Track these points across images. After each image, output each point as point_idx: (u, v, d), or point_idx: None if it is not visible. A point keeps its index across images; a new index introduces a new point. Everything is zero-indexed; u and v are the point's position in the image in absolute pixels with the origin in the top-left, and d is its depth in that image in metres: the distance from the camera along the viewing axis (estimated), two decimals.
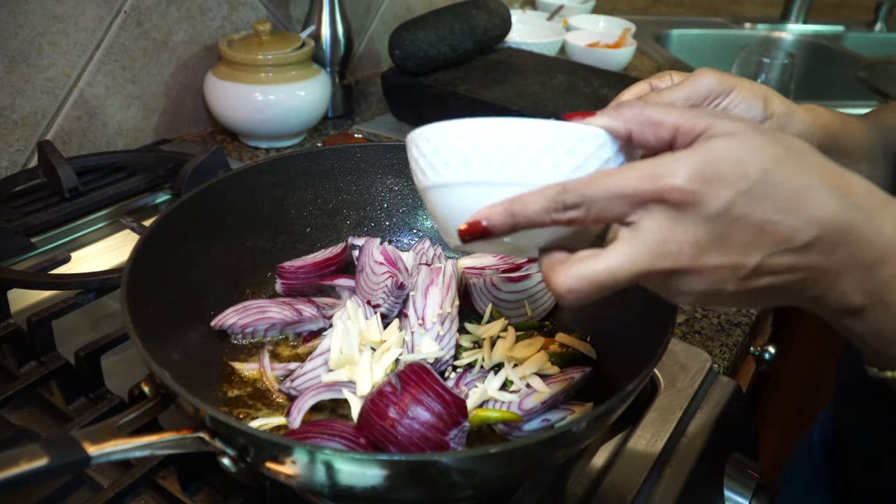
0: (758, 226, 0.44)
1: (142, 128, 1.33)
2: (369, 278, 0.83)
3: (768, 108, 0.66)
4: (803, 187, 0.45)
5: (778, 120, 0.67)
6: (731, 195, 0.43)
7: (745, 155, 0.44)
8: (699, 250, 0.45)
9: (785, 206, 0.44)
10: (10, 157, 1.14)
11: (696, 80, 0.63)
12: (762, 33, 2.35)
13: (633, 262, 0.45)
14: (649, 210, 0.45)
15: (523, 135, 0.49)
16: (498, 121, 0.50)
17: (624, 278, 0.46)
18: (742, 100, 0.65)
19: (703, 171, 0.44)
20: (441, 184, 0.53)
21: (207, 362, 0.76)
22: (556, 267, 0.48)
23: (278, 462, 0.54)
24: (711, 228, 0.44)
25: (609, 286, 0.46)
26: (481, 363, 0.78)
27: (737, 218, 0.44)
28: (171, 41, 1.31)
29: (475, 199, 0.51)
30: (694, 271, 0.46)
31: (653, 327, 0.67)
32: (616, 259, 0.46)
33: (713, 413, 0.79)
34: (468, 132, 0.51)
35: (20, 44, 1.10)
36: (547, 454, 0.58)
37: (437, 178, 0.53)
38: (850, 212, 0.45)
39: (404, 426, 0.62)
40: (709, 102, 0.65)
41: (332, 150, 0.93)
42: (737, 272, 0.45)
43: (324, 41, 1.44)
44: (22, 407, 0.76)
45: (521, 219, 0.48)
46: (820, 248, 0.45)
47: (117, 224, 1.07)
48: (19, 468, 0.49)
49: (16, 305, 0.87)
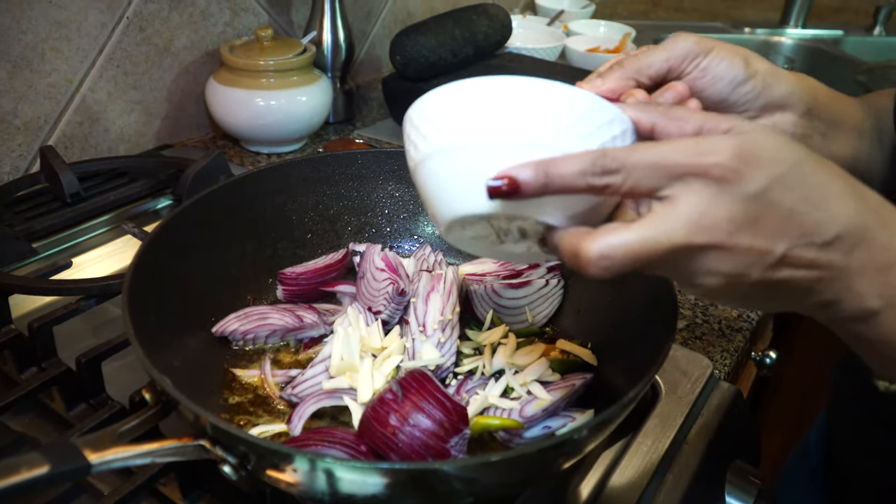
0: (787, 213, 0.44)
1: (143, 133, 1.33)
2: (370, 285, 0.83)
3: (749, 67, 0.66)
4: (826, 184, 0.46)
5: (762, 79, 0.66)
6: (768, 177, 0.44)
7: (778, 146, 0.45)
8: (734, 228, 0.44)
9: (812, 199, 0.45)
10: (13, 163, 1.14)
11: (674, 43, 0.64)
12: (761, 38, 2.35)
13: (670, 233, 0.44)
14: (688, 184, 0.44)
15: (559, 101, 0.48)
16: (531, 82, 0.49)
17: (659, 250, 0.45)
18: (722, 59, 0.65)
19: (744, 151, 0.44)
20: (457, 144, 0.50)
21: (208, 369, 0.76)
22: (583, 237, 0.46)
23: (279, 470, 0.54)
24: (747, 208, 0.44)
25: (642, 257, 0.45)
26: (482, 370, 0.78)
27: (770, 202, 0.44)
28: (173, 47, 1.32)
29: (496, 159, 0.48)
30: (725, 249, 0.45)
31: (654, 333, 0.67)
32: (652, 229, 0.45)
33: (714, 419, 0.79)
34: (498, 90, 0.49)
35: (23, 49, 1.10)
36: (548, 462, 0.58)
37: (453, 137, 0.50)
38: (866, 214, 0.46)
39: (405, 434, 0.62)
40: (688, 63, 0.64)
41: (333, 157, 0.93)
42: (764, 258, 0.45)
43: (325, 47, 1.44)
44: (23, 413, 0.76)
45: (555, 178, 0.46)
46: (840, 247, 0.46)
47: (119, 229, 1.07)
48: (20, 476, 0.49)
49: (17, 311, 0.87)
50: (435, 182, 0.52)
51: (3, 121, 1.11)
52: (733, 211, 0.44)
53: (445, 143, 0.50)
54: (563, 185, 0.46)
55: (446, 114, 0.50)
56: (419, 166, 0.53)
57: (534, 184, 0.46)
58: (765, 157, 0.44)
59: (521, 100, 0.49)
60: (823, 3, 2.42)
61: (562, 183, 0.46)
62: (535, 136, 0.48)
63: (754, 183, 0.44)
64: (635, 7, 2.71)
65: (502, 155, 0.48)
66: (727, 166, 0.44)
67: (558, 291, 0.86)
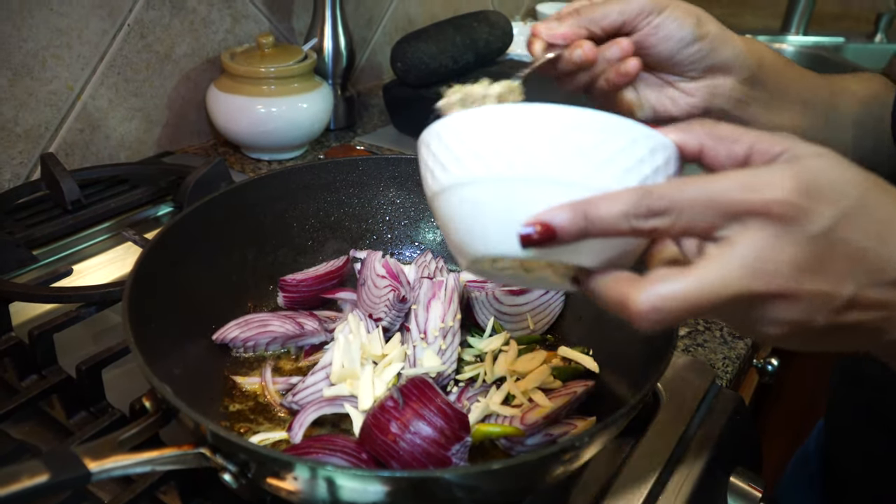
0: (854, 252, 0.41)
1: (144, 140, 1.33)
2: (371, 292, 0.83)
3: (701, 28, 0.66)
4: (893, 218, 0.42)
5: (710, 42, 0.66)
6: (834, 215, 0.40)
7: (841, 176, 0.41)
8: (799, 272, 0.40)
9: (880, 234, 0.41)
10: (13, 170, 1.14)
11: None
12: None
13: (728, 281, 0.40)
14: (745, 224, 0.40)
15: (596, 130, 0.43)
16: (563, 110, 0.44)
17: (717, 299, 0.40)
18: (675, 18, 0.65)
19: (806, 185, 0.40)
20: (483, 178, 0.45)
21: (209, 376, 0.76)
22: (630, 285, 0.42)
23: (280, 478, 0.54)
24: (812, 249, 0.40)
25: (697, 309, 0.41)
26: (483, 377, 0.77)
27: (836, 240, 0.40)
28: (173, 54, 1.32)
29: (526, 198, 0.43)
30: (789, 296, 0.41)
31: (655, 341, 0.66)
32: (708, 277, 0.40)
33: (716, 427, 0.79)
34: (530, 119, 0.44)
35: (24, 57, 1.10)
36: (549, 469, 0.58)
37: (478, 169, 0.45)
38: None
39: (406, 441, 0.62)
40: (642, 18, 0.65)
41: (334, 163, 0.93)
42: (830, 302, 0.41)
43: (326, 54, 1.45)
44: (23, 421, 0.75)
45: (595, 222, 0.41)
46: None
47: (119, 237, 1.07)
48: (20, 484, 0.48)
49: (17, 318, 0.87)
50: (459, 215, 0.47)
51: (4, 128, 1.11)
52: (797, 253, 0.40)
53: (471, 175, 0.45)
54: (604, 230, 0.41)
55: (473, 142, 0.45)
56: (439, 195, 0.48)
57: (571, 229, 0.42)
58: (828, 190, 0.40)
59: (553, 130, 0.44)
60: (824, 11, 2.42)
61: (602, 227, 0.41)
62: (570, 172, 0.43)
63: (819, 221, 0.40)
64: None
65: (534, 193, 0.43)
66: (789, 202, 0.39)
67: (559, 298, 0.86)
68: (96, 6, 1.17)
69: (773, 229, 0.40)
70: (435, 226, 0.96)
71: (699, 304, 0.40)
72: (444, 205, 0.48)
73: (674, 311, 0.41)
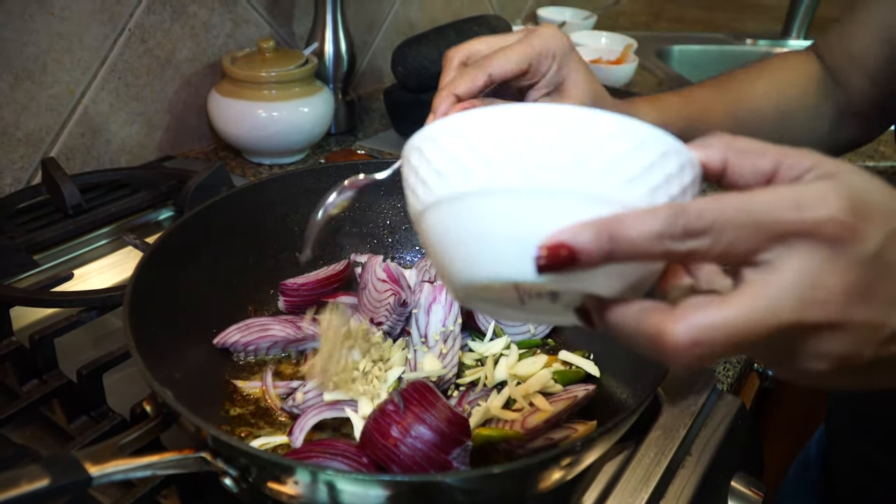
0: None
1: (145, 144, 1.33)
2: (372, 296, 0.83)
3: None
4: None
5: None
6: (886, 235, 0.36)
7: (884, 193, 0.38)
8: (850, 300, 0.36)
9: None
10: (14, 174, 1.14)
11: None
12: (763, 49, 2.35)
13: (777, 310, 0.36)
14: (791, 247, 0.36)
15: (628, 142, 0.37)
16: (586, 113, 0.38)
17: (764, 331, 0.36)
18: None
19: (857, 203, 0.36)
20: (486, 190, 0.38)
21: (210, 380, 0.76)
22: (665, 316, 0.36)
23: (280, 482, 0.54)
24: (864, 273, 0.36)
25: (746, 340, 0.36)
26: (484, 381, 0.77)
27: (886, 264, 0.37)
28: (174, 58, 1.32)
29: (538, 214, 0.37)
30: (839, 327, 0.37)
31: None
32: (754, 306, 0.36)
33: (717, 431, 0.79)
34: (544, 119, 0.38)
35: (25, 61, 1.11)
36: (550, 473, 0.58)
37: (481, 179, 0.38)
38: None
39: (407, 445, 0.61)
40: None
41: (335, 167, 0.93)
42: (879, 332, 0.37)
43: (327, 58, 1.45)
44: (24, 425, 0.75)
45: (623, 244, 0.35)
46: None
47: (120, 241, 1.07)
48: (20, 489, 0.49)
49: (18, 323, 0.87)
50: (456, 232, 0.40)
51: (5, 133, 1.11)
52: (849, 279, 0.36)
53: (475, 185, 0.38)
54: (634, 252, 0.36)
55: (480, 147, 0.38)
56: (432, 209, 0.41)
57: (596, 252, 0.36)
58: (878, 208, 0.36)
59: (575, 135, 0.37)
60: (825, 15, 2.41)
61: (631, 249, 0.36)
62: (594, 185, 0.37)
63: (872, 242, 0.36)
64: (637, 18, 2.72)
65: (550, 208, 0.37)
66: (842, 222, 0.35)
67: None
68: (97, 11, 1.17)
69: (823, 252, 0.36)
70: None
71: (746, 336, 0.36)
72: (436, 220, 0.41)
73: (718, 343, 0.36)
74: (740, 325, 0.35)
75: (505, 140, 0.38)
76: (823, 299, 0.36)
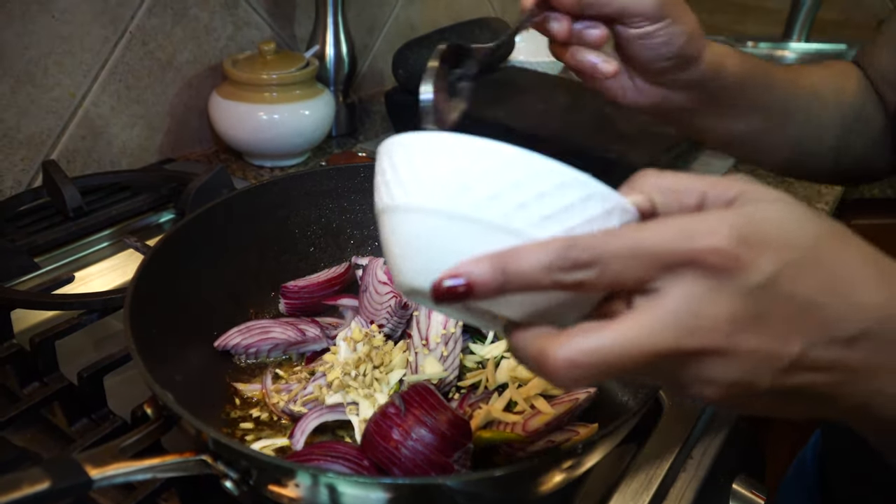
0: (802, 307, 0.37)
1: (146, 147, 1.33)
2: (373, 298, 0.83)
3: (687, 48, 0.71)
4: (850, 271, 0.38)
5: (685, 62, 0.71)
6: (778, 266, 0.36)
7: (791, 223, 0.38)
8: (735, 328, 0.37)
9: (832, 289, 0.37)
10: (15, 177, 1.14)
11: None
12: (764, 51, 2.35)
13: (655, 337, 0.36)
14: (678, 275, 0.37)
15: (553, 182, 0.39)
16: (528, 156, 0.39)
17: (641, 356, 0.37)
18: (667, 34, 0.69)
19: (747, 233, 0.36)
20: (399, 206, 0.42)
21: (210, 383, 0.76)
22: (548, 340, 0.38)
23: (281, 485, 0.54)
24: (752, 303, 0.36)
25: (623, 364, 0.37)
26: (485, 384, 0.77)
27: (780, 295, 0.37)
28: (175, 61, 1.32)
29: (443, 235, 0.40)
30: (725, 353, 0.37)
31: None
32: (633, 331, 0.37)
33: (718, 434, 0.79)
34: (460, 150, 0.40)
35: (26, 64, 1.11)
36: (551, 476, 0.58)
37: (399, 197, 0.42)
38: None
39: (408, 448, 0.61)
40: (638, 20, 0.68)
41: (336, 170, 0.93)
42: (774, 362, 0.37)
43: (328, 60, 1.45)
44: (24, 428, 0.75)
45: (513, 277, 0.37)
46: (868, 343, 0.38)
47: (121, 244, 1.07)
48: (21, 492, 0.48)
49: (19, 326, 0.87)
50: (387, 239, 0.44)
51: (6, 135, 1.11)
52: (735, 308, 0.36)
53: (402, 200, 0.42)
54: (525, 284, 0.37)
55: (416, 168, 0.42)
56: (380, 215, 0.45)
57: (491, 284, 0.38)
58: (774, 238, 0.37)
59: (500, 170, 0.39)
60: (826, 18, 2.42)
61: (523, 281, 0.37)
62: (508, 219, 0.39)
63: (760, 272, 0.36)
64: None
65: (461, 234, 0.40)
66: (726, 252, 0.36)
67: None
68: (98, 13, 1.17)
69: (707, 281, 0.36)
70: None
71: (622, 361, 0.37)
72: (382, 224, 0.45)
73: (594, 366, 0.37)
74: (616, 349, 0.36)
75: (438, 165, 0.40)
76: (705, 327, 0.36)
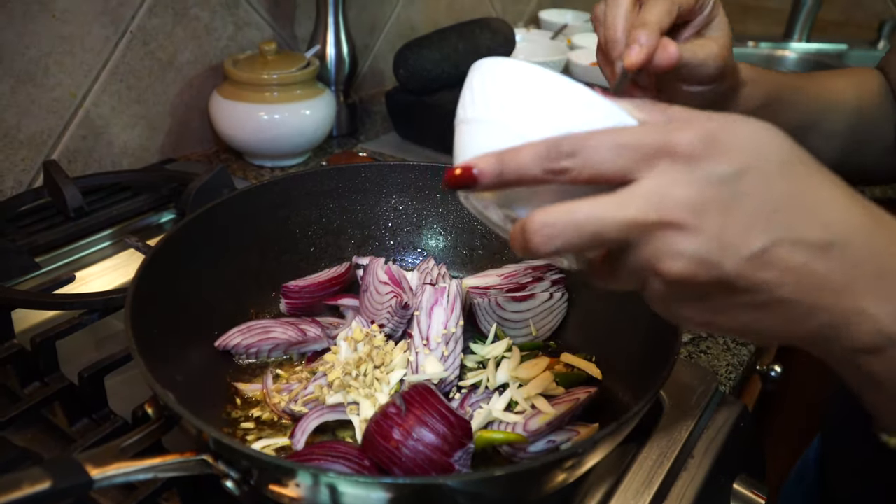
0: (767, 207, 0.40)
1: (147, 147, 1.33)
2: (373, 298, 0.83)
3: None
4: (818, 190, 0.42)
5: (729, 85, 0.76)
6: (744, 165, 0.40)
7: (767, 139, 0.42)
8: (699, 209, 0.40)
9: (800, 202, 0.41)
10: (16, 177, 1.14)
11: None
12: (765, 51, 2.35)
13: (624, 208, 0.41)
14: (653, 167, 0.41)
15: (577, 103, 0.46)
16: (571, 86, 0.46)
17: (612, 223, 0.41)
18: None
19: (714, 135, 0.41)
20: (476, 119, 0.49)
21: (211, 383, 0.76)
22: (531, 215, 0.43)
23: (282, 485, 0.54)
24: (717, 191, 0.40)
25: (590, 230, 0.41)
26: (486, 384, 0.77)
27: (745, 191, 0.40)
28: (176, 61, 1.32)
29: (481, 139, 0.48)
30: (691, 229, 0.40)
31: (659, 347, 0.66)
32: (604, 202, 0.41)
33: (719, 434, 0.79)
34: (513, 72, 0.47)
35: (26, 64, 1.11)
36: (552, 476, 0.58)
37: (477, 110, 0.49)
38: (876, 229, 0.42)
39: (409, 448, 0.61)
40: None
41: (337, 170, 0.93)
42: (739, 248, 0.40)
43: (329, 60, 1.45)
44: (25, 428, 0.75)
45: (510, 167, 0.44)
46: (838, 256, 0.40)
47: (122, 244, 1.07)
48: (22, 492, 0.48)
49: (20, 326, 0.87)
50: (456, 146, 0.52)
51: (7, 135, 1.11)
52: (702, 192, 0.40)
53: (469, 114, 0.49)
54: (518, 174, 0.44)
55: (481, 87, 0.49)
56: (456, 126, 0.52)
57: (488, 175, 0.44)
58: (744, 145, 0.41)
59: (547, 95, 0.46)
60: (827, 18, 2.42)
61: (516, 171, 0.44)
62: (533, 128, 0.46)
63: (727, 164, 0.40)
64: None
65: (495, 137, 0.47)
66: (696, 143, 0.40)
67: (562, 305, 0.85)
68: (99, 13, 1.17)
69: (678, 166, 0.41)
70: (437, 232, 0.96)
71: (592, 225, 0.41)
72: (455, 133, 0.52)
73: (566, 226, 0.41)
74: (587, 213, 0.41)
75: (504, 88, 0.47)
76: (671, 204, 0.40)
